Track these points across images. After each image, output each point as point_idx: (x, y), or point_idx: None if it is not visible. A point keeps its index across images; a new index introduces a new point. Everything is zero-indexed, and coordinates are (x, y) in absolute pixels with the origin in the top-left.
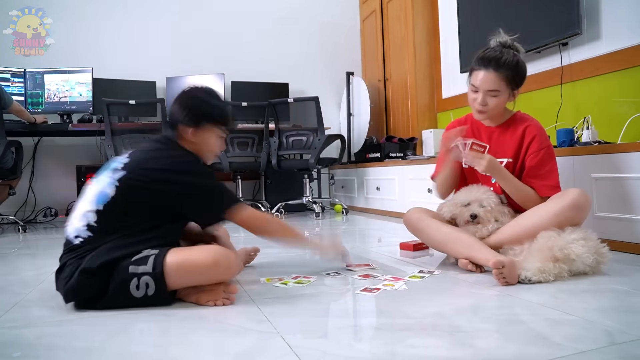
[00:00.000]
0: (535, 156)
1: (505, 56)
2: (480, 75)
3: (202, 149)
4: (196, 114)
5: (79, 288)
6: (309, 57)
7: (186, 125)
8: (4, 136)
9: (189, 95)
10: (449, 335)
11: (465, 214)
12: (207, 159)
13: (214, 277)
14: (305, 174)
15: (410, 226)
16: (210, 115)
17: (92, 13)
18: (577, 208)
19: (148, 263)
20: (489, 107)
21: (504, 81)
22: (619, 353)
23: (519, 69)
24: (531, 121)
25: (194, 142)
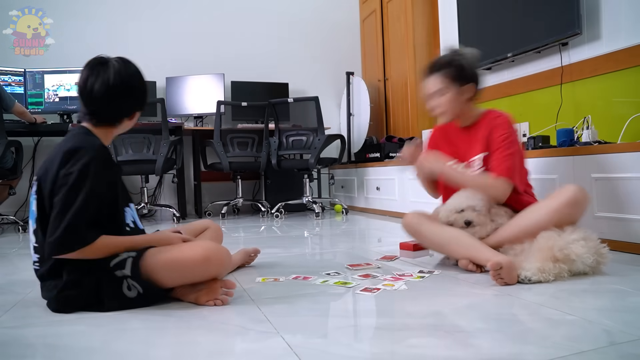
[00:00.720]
0: (497, 142)
1: (438, 60)
2: (425, 83)
3: (117, 133)
4: (136, 105)
5: (70, 298)
6: (309, 57)
7: (137, 110)
8: (4, 136)
9: (136, 85)
10: (449, 335)
11: (459, 221)
12: (111, 139)
13: (205, 273)
14: (305, 174)
15: (410, 230)
16: (143, 105)
17: (92, 13)
18: (575, 205)
19: (126, 266)
20: (442, 106)
21: (446, 78)
22: (618, 353)
23: (457, 63)
24: (499, 114)
25: (119, 128)
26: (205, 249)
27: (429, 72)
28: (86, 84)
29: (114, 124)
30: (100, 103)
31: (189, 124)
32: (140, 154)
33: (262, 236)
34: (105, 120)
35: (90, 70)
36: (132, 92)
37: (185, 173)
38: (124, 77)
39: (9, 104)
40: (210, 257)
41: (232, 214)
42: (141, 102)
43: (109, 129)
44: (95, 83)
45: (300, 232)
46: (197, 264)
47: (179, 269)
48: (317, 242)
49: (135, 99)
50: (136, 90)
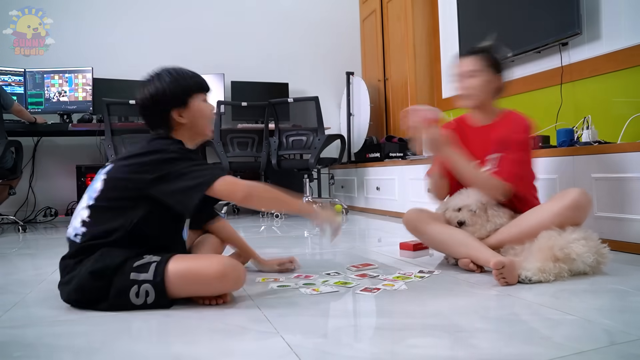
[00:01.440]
0: (510, 144)
1: (481, 45)
2: (459, 63)
3: (197, 123)
4: (178, 95)
5: (87, 289)
6: (309, 57)
7: (174, 110)
8: (4, 136)
9: (158, 86)
10: (449, 335)
11: (454, 221)
12: (206, 129)
13: (220, 289)
14: (305, 173)
15: (410, 227)
16: (191, 89)
17: (92, 13)
18: (577, 208)
19: (149, 270)
20: (472, 88)
21: (481, 61)
22: (618, 353)
23: (493, 52)
24: (519, 115)
25: (188, 122)
26: (223, 265)
27: (467, 53)
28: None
29: (166, 131)
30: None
31: None
32: None
33: (262, 236)
34: (154, 128)
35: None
36: (152, 100)
37: None
38: (139, 90)
39: (8, 103)
40: (228, 273)
41: (232, 214)
42: (175, 98)
43: (175, 132)
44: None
45: (300, 232)
46: (213, 279)
47: (194, 282)
48: (317, 242)
49: (161, 102)
50: (157, 95)
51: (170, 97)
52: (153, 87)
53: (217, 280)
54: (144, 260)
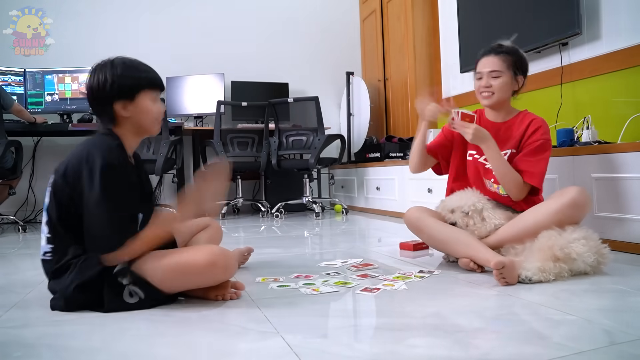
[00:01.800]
0: (532, 145)
1: (505, 45)
2: (482, 61)
3: (141, 120)
4: (125, 87)
5: (71, 300)
6: (309, 57)
7: (118, 102)
8: (4, 136)
9: (107, 73)
10: (449, 335)
11: (447, 222)
12: (150, 128)
13: (211, 278)
14: (305, 173)
15: (411, 225)
16: (141, 84)
17: (92, 13)
18: (576, 206)
19: (126, 274)
20: (494, 88)
21: (505, 62)
22: (618, 353)
23: (519, 54)
24: (537, 117)
25: (131, 117)
26: (211, 254)
27: (491, 52)
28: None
29: (106, 121)
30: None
31: (189, 124)
32: (140, 154)
33: (262, 236)
34: (98, 117)
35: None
36: (99, 85)
37: (185, 173)
38: (89, 73)
39: (7, 103)
40: (216, 261)
41: (232, 214)
42: (121, 90)
43: (115, 129)
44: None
45: (300, 232)
46: (203, 268)
47: (184, 274)
48: (317, 242)
49: (105, 90)
50: (101, 84)
51: (117, 88)
52: (102, 75)
53: (207, 269)
54: (122, 265)
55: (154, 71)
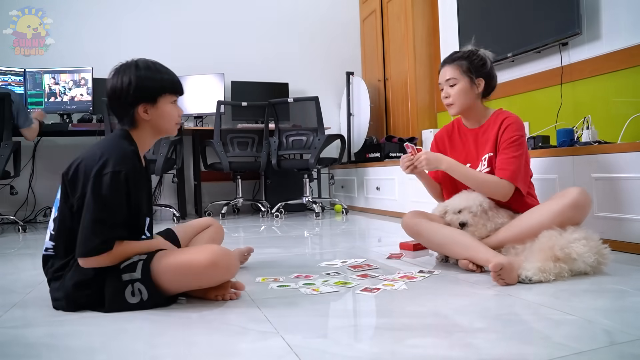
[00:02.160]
0: (505, 142)
1: (458, 52)
2: (440, 72)
3: (161, 123)
4: (148, 90)
5: (73, 298)
6: (309, 57)
7: (141, 105)
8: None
9: (131, 76)
10: (449, 335)
11: (455, 222)
12: (169, 130)
13: (212, 278)
14: (305, 173)
15: (409, 230)
16: (164, 88)
17: (92, 13)
18: (577, 207)
19: (137, 269)
20: (452, 97)
21: (457, 70)
22: (618, 353)
23: (473, 57)
24: (509, 114)
25: (151, 119)
26: (212, 253)
27: (444, 63)
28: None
29: (126, 123)
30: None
31: (189, 123)
32: None
33: (262, 236)
34: (119, 118)
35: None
36: (122, 87)
37: (185, 173)
38: (112, 74)
39: (22, 125)
40: (218, 261)
41: (232, 213)
42: (145, 93)
43: (134, 131)
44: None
45: (300, 232)
46: (205, 268)
47: (185, 274)
48: (317, 242)
49: (129, 92)
50: (126, 85)
51: (141, 91)
52: (126, 77)
53: (208, 269)
54: (132, 259)
55: (175, 75)
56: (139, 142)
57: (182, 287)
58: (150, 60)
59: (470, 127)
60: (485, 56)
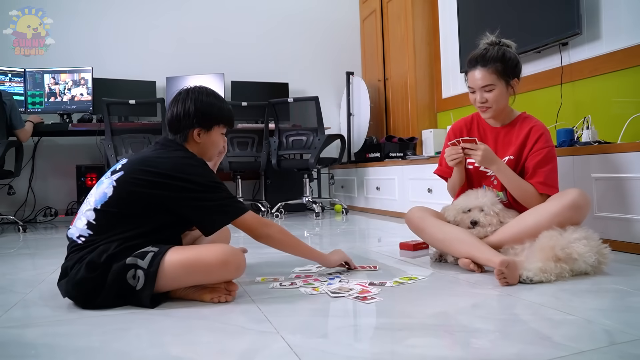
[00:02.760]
0: (539, 154)
1: (490, 52)
2: (472, 75)
3: (207, 148)
4: (208, 118)
5: (81, 281)
6: (309, 57)
7: (197, 128)
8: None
9: (199, 99)
10: (449, 335)
11: (466, 221)
12: (212, 157)
13: (222, 276)
14: (305, 173)
15: (412, 225)
16: (222, 119)
17: (93, 13)
18: (576, 208)
19: (145, 259)
20: (489, 102)
21: (494, 74)
22: (618, 353)
23: (506, 59)
24: (537, 122)
25: (200, 143)
26: (224, 253)
27: (477, 65)
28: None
29: (181, 140)
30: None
31: None
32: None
33: None
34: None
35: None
36: (188, 113)
37: None
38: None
39: (15, 125)
40: (229, 260)
41: None
42: (199, 120)
43: (187, 145)
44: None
45: (300, 232)
46: (216, 267)
47: (195, 270)
48: (317, 242)
49: (192, 117)
50: (190, 111)
51: (202, 117)
52: (194, 102)
53: (218, 267)
54: (144, 249)
55: (232, 111)
56: None
57: (188, 283)
58: (213, 90)
59: (492, 125)
60: (516, 54)
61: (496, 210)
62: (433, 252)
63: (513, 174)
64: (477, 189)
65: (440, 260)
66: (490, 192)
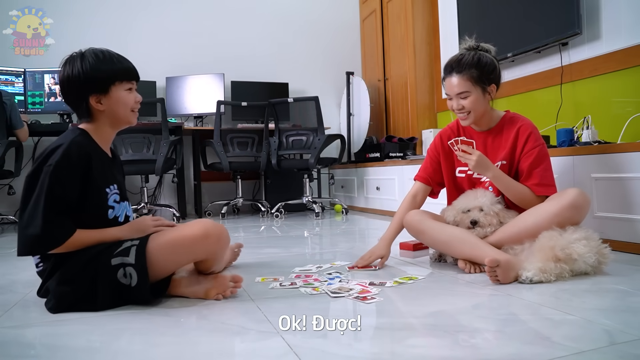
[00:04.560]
0: (531, 155)
1: (465, 58)
2: (448, 82)
3: (117, 112)
4: (97, 80)
5: (60, 296)
6: (308, 57)
7: (92, 96)
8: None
9: (75, 65)
10: (449, 335)
11: (465, 221)
12: (127, 118)
13: (205, 249)
14: (305, 173)
15: (412, 229)
16: (114, 75)
17: (93, 13)
18: (576, 208)
19: (130, 254)
20: (466, 108)
21: (469, 81)
22: (618, 353)
23: (482, 65)
24: (523, 121)
25: (106, 109)
26: (203, 226)
27: (452, 71)
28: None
29: (82, 115)
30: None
31: (189, 123)
32: (140, 153)
33: (262, 236)
34: (75, 111)
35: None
36: (69, 81)
37: (185, 173)
38: (60, 66)
39: (15, 125)
40: (209, 232)
41: (232, 213)
42: (94, 83)
43: (89, 124)
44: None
45: (300, 232)
46: (197, 240)
47: (178, 249)
48: (317, 242)
49: (82, 82)
50: (79, 75)
51: (90, 81)
52: (74, 68)
53: (200, 240)
54: (124, 245)
55: (128, 61)
56: (98, 135)
57: (177, 263)
58: (99, 48)
59: (478, 130)
60: (493, 59)
61: (496, 210)
62: (433, 252)
63: (509, 180)
64: (476, 189)
65: (440, 260)
66: (490, 192)
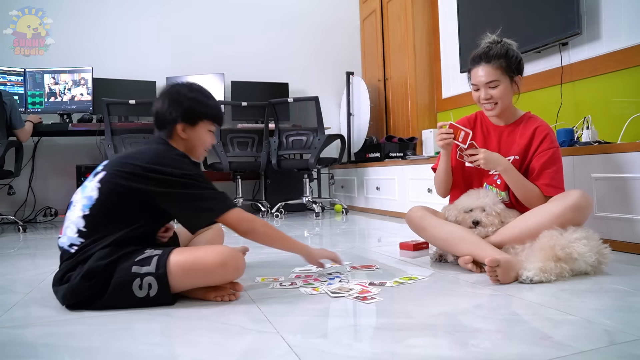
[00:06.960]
0: (544, 155)
1: (493, 49)
2: (475, 72)
3: (194, 145)
4: (192, 113)
5: (78, 289)
6: (309, 57)
7: (181, 123)
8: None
9: (182, 94)
10: (449, 335)
11: (467, 221)
12: (198, 154)
13: (221, 278)
14: (305, 173)
15: (413, 224)
16: (207, 115)
17: (92, 13)
18: (578, 210)
19: (152, 263)
20: (494, 98)
21: (499, 70)
22: (618, 353)
23: (510, 56)
24: (542, 122)
25: (186, 139)
26: (222, 254)
27: (481, 61)
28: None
29: (164, 132)
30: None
31: None
32: None
33: None
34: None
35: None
36: (169, 106)
37: None
38: (164, 91)
39: (15, 125)
40: (228, 262)
41: None
42: (182, 114)
43: (168, 139)
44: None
45: (300, 232)
46: (215, 268)
47: (195, 273)
48: (317, 242)
49: (177, 109)
50: (173, 102)
51: (185, 112)
52: (178, 96)
53: (218, 269)
54: (146, 254)
55: (220, 108)
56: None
57: (190, 285)
58: (203, 87)
59: (496, 124)
60: (518, 52)
61: (498, 210)
62: (433, 252)
63: (519, 175)
64: (478, 189)
65: (440, 260)
66: (492, 192)
